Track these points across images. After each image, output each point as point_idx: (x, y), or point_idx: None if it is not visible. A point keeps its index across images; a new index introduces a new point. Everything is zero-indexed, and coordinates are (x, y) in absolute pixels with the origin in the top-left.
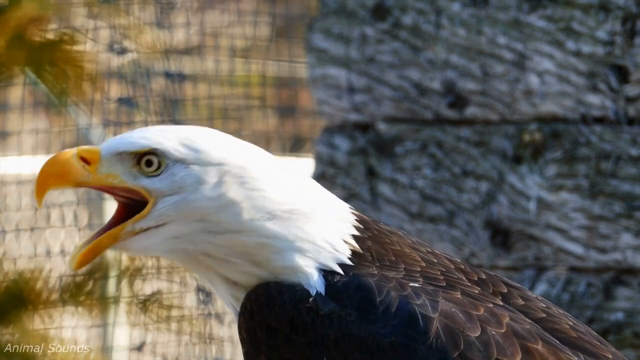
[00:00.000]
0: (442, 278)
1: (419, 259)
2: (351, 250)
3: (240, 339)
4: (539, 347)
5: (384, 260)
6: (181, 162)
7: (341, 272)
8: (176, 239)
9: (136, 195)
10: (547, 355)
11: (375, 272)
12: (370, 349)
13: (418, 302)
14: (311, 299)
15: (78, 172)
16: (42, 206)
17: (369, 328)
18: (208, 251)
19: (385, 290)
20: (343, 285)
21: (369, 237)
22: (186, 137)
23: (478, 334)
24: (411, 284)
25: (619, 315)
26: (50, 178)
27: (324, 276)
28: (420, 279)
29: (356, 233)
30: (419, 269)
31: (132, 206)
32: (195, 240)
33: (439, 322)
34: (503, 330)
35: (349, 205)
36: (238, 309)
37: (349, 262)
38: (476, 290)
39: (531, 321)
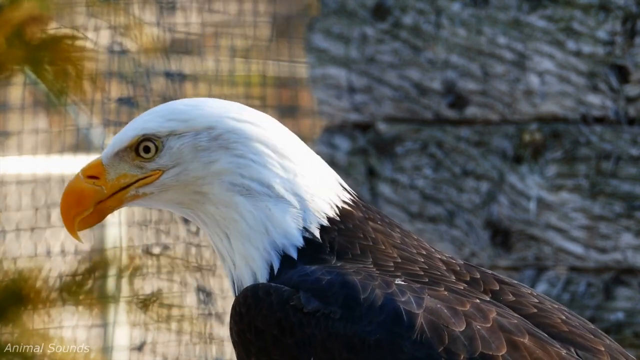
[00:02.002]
0: (422, 274)
1: (395, 255)
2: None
3: (232, 342)
4: (526, 340)
5: (347, 254)
6: (173, 135)
7: (295, 257)
8: (177, 204)
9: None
10: (534, 349)
11: (338, 264)
12: (357, 347)
13: (403, 299)
14: (295, 296)
15: (92, 192)
16: (82, 240)
17: (354, 326)
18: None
19: (370, 288)
20: (327, 283)
21: (338, 230)
22: (171, 111)
23: (463, 328)
24: (396, 282)
25: (619, 315)
26: (71, 210)
27: (278, 262)
28: (400, 275)
29: (325, 223)
30: (392, 264)
31: None
32: (194, 207)
33: (423, 318)
34: (489, 325)
35: (343, 188)
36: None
37: (294, 254)
38: (461, 286)
39: (520, 317)
